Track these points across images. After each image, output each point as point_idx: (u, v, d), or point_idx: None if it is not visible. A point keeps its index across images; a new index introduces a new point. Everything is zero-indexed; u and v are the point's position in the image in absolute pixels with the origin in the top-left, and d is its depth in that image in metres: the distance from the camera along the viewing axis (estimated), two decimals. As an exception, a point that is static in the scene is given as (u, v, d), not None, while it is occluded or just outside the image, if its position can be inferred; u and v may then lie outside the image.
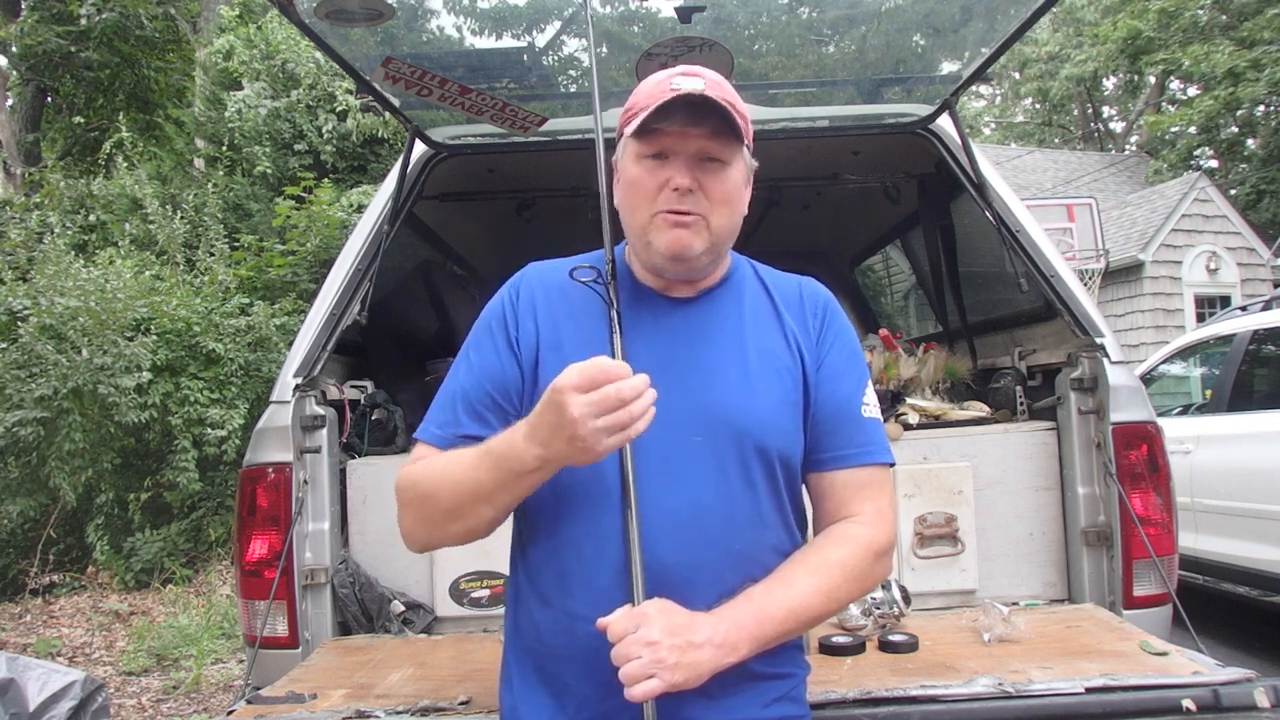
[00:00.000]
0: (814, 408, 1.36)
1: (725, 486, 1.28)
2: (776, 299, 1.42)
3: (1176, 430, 4.92)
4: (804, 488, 1.41)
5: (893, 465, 1.39)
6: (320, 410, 2.53)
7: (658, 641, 1.13)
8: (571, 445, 1.10)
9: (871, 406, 1.39)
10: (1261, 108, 20.44)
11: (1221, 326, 5.73)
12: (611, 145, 1.41)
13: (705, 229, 1.29)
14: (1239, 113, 20.67)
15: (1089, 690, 1.72)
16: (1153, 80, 25.91)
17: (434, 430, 1.36)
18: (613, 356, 1.27)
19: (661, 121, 1.27)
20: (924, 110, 2.92)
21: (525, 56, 2.71)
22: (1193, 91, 23.27)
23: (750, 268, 1.47)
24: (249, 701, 1.95)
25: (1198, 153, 22.88)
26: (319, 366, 2.54)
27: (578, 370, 1.08)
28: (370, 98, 2.65)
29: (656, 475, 1.25)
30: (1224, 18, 20.56)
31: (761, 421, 1.31)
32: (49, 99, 15.37)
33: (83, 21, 13.20)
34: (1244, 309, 5.91)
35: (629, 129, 1.31)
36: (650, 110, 1.26)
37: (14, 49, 13.83)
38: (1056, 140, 30.63)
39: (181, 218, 8.20)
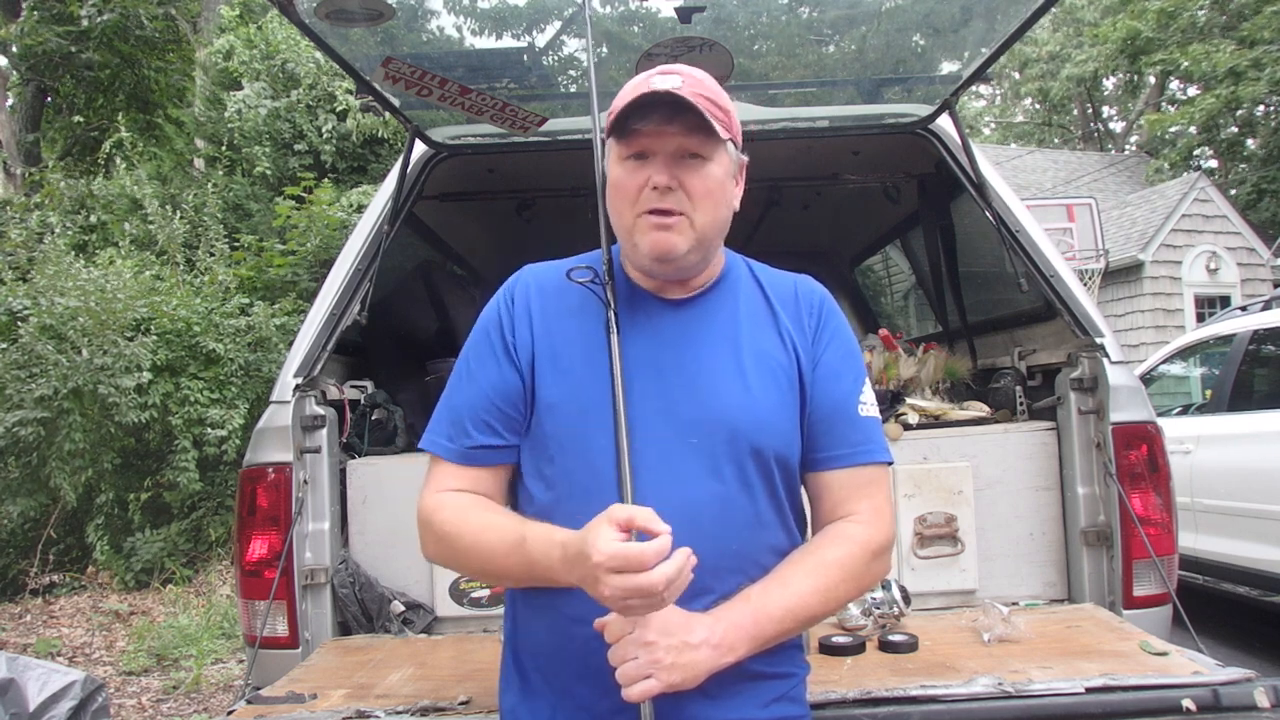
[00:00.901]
0: (810, 407, 1.35)
1: (722, 487, 1.28)
2: (772, 298, 1.41)
3: (1176, 430, 4.91)
4: (803, 487, 1.41)
5: (890, 464, 1.39)
6: (320, 410, 2.53)
7: (654, 642, 1.13)
8: (602, 603, 1.12)
9: (869, 405, 1.39)
10: (1261, 107, 20.42)
11: (1221, 326, 5.72)
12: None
13: (689, 227, 1.29)
14: (1239, 112, 20.66)
15: (1089, 690, 1.72)
16: (1153, 80, 25.90)
17: (444, 444, 1.37)
18: (610, 357, 1.28)
19: (638, 121, 1.27)
20: (924, 110, 2.92)
21: (525, 56, 2.71)
22: (1193, 91, 23.25)
23: (745, 267, 1.46)
24: (249, 701, 1.95)
25: (1198, 153, 22.84)
26: (319, 366, 2.54)
27: (610, 550, 1.07)
28: (370, 98, 2.65)
29: (653, 476, 1.25)
30: (1224, 18, 20.55)
31: (758, 422, 1.31)
32: (49, 99, 15.36)
33: (83, 22, 13.20)
34: (1244, 309, 5.90)
35: (609, 131, 1.31)
36: (622, 110, 1.27)
37: (14, 49, 13.82)
38: (1056, 140, 30.61)
39: (181, 218, 8.20)
